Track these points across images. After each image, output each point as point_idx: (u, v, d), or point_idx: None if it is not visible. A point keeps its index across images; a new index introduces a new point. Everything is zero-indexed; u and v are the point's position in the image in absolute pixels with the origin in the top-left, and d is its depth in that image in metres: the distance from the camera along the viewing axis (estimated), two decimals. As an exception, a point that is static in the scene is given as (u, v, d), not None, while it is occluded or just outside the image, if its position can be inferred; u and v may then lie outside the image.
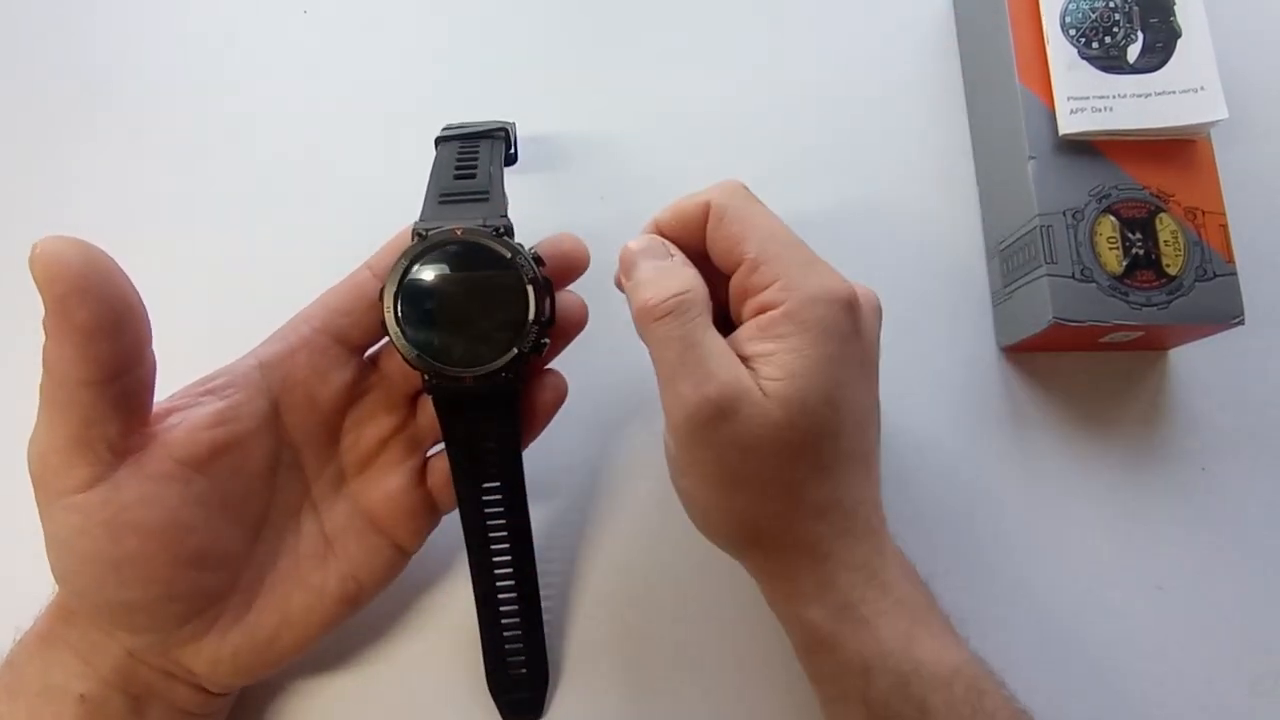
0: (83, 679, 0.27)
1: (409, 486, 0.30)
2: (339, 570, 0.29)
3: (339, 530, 0.30)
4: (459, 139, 0.33)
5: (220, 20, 0.43)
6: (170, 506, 0.25)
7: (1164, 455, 0.37)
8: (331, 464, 0.30)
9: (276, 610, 0.28)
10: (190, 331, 0.37)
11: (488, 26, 0.43)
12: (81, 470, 0.24)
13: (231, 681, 0.29)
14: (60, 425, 0.24)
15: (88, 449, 0.24)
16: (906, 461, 0.37)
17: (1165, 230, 0.35)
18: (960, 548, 0.36)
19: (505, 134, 0.34)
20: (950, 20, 0.44)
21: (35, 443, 0.25)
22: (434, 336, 0.27)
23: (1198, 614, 0.35)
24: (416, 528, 0.30)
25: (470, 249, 0.28)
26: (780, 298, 0.27)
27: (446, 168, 0.31)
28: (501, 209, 0.29)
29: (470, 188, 0.30)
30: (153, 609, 0.26)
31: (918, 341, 0.38)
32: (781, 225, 0.29)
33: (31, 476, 0.25)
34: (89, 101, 0.41)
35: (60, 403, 0.24)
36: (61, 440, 0.24)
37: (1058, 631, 0.35)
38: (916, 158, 0.41)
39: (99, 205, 0.39)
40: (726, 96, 0.42)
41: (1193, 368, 0.38)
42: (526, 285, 0.27)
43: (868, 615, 0.26)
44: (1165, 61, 0.36)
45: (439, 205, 0.29)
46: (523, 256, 0.28)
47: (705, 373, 0.26)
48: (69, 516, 0.24)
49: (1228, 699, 0.34)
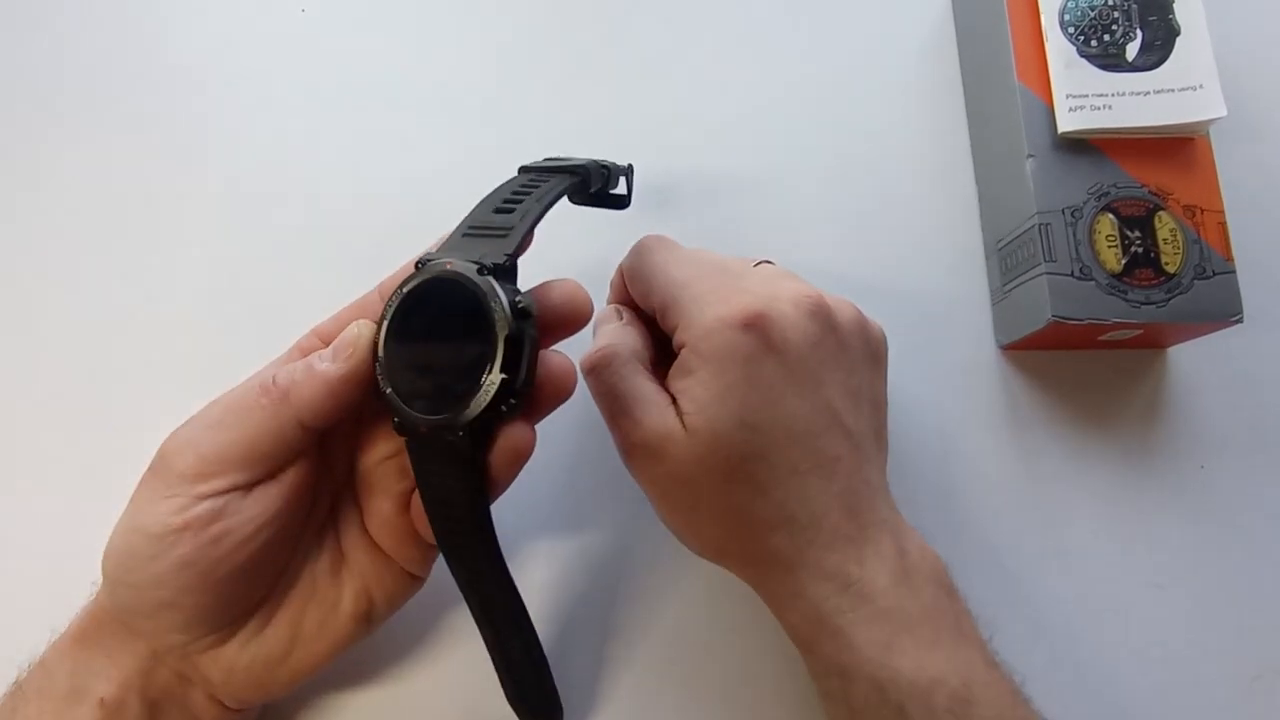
0: (106, 680, 0.27)
1: (396, 513, 0.29)
2: (353, 586, 0.29)
3: (353, 546, 0.29)
4: (534, 170, 0.31)
5: (219, 20, 0.43)
6: (280, 525, 0.27)
7: (1162, 453, 0.37)
8: (349, 480, 0.30)
9: (292, 624, 0.28)
10: (190, 331, 0.37)
11: (487, 26, 0.43)
12: (238, 476, 0.26)
13: (245, 696, 0.29)
14: (245, 435, 0.26)
15: (257, 464, 0.26)
16: (905, 459, 0.37)
17: (1164, 228, 0.35)
18: (959, 546, 0.36)
19: (586, 172, 0.31)
20: (949, 19, 0.44)
21: (193, 439, 0.26)
22: (407, 376, 0.26)
23: (1196, 611, 0.35)
24: (411, 554, 0.29)
25: (455, 289, 0.25)
26: (683, 338, 0.28)
27: (494, 198, 0.29)
28: (509, 247, 0.26)
29: (499, 223, 0.27)
30: (198, 613, 0.26)
31: (916, 339, 0.38)
32: (683, 264, 0.30)
33: (163, 461, 0.26)
34: (86, 101, 0.41)
35: (261, 422, 0.26)
36: (239, 448, 0.26)
37: (1056, 628, 0.35)
38: (915, 156, 0.41)
39: (97, 205, 0.39)
40: (725, 96, 0.42)
41: (1192, 366, 0.38)
42: (497, 339, 0.24)
43: (841, 625, 0.26)
44: (1164, 59, 0.36)
45: (461, 237, 0.27)
46: (500, 304, 0.24)
47: (632, 420, 0.28)
48: (196, 512, 0.25)
49: (1226, 696, 0.34)
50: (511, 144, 0.40)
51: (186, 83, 0.42)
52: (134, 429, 0.29)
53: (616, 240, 0.33)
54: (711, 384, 0.27)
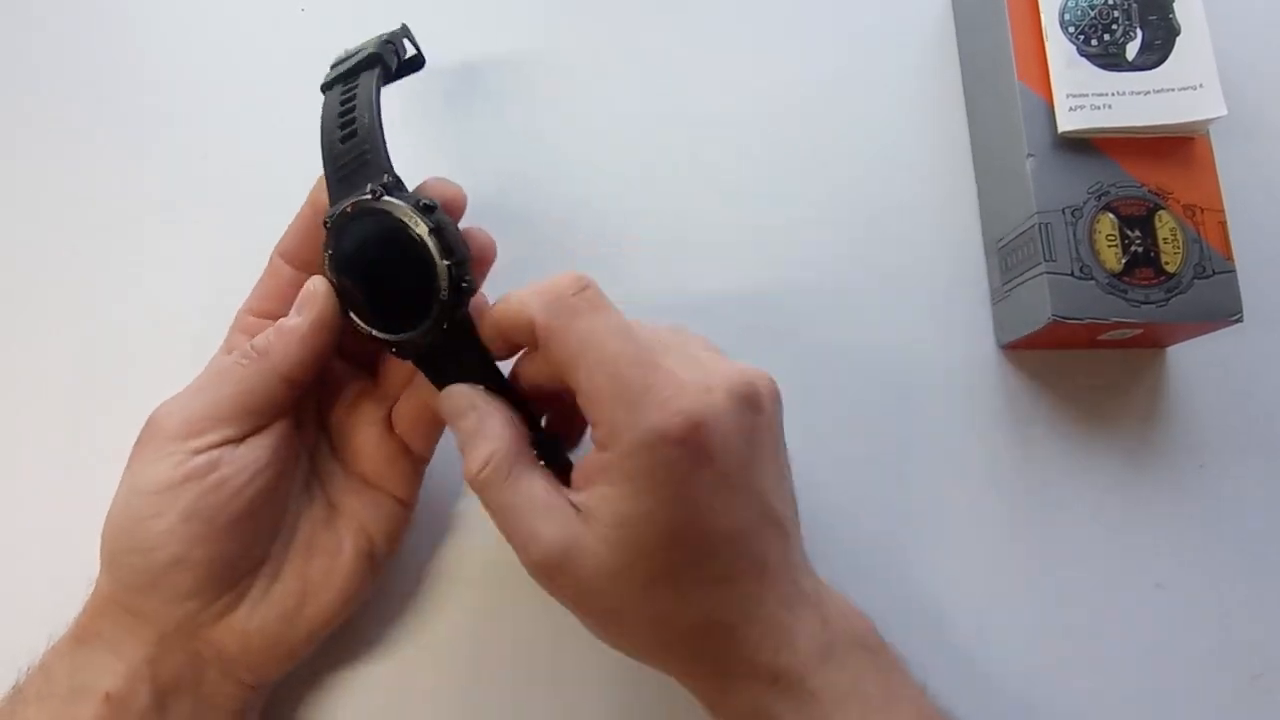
0: (111, 674, 0.27)
1: (382, 437, 0.31)
2: (350, 528, 0.30)
3: (340, 493, 0.31)
4: (339, 80, 0.32)
5: (218, 19, 0.43)
6: (272, 473, 0.28)
7: (1162, 452, 0.37)
8: (320, 434, 0.32)
9: (299, 577, 0.29)
10: (190, 333, 0.37)
11: (487, 24, 0.43)
12: (229, 430, 0.27)
13: (263, 662, 0.29)
14: (232, 392, 0.28)
15: (245, 418, 0.28)
16: (905, 459, 0.37)
17: (1164, 228, 0.35)
18: (959, 545, 0.36)
19: (380, 58, 0.33)
20: (949, 18, 0.44)
21: (179, 404, 0.28)
22: (380, 314, 0.28)
23: (1196, 610, 0.35)
24: (402, 476, 0.31)
25: (368, 224, 0.28)
26: (605, 443, 0.25)
27: (331, 128, 0.30)
28: (383, 166, 0.28)
29: (355, 150, 0.29)
30: (207, 570, 0.27)
31: (916, 339, 0.38)
32: (613, 340, 0.25)
33: (151, 428, 0.28)
34: (85, 100, 0.41)
35: (245, 378, 0.28)
36: (227, 404, 0.27)
37: (1056, 628, 0.35)
38: (915, 155, 0.41)
39: (95, 204, 0.39)
40: (724, 95, 0.42)
41: (1191, 365, 0.38)
42: (425, 237, 0.27)
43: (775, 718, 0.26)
44: (1164, 59, 0.36)
45: (339, 182, 0.29)
46: (408, 211, 0.27)
47: (529, 533, 0.25)
48: (193, 464, 0.27)
49: (1227, 695, 0.34)
50: (514, 142, 0.41)
51: (186, 82, 0.42)
52: (133, 433, 0.29)
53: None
54: (638, 500, 0.24)
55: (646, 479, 0.24)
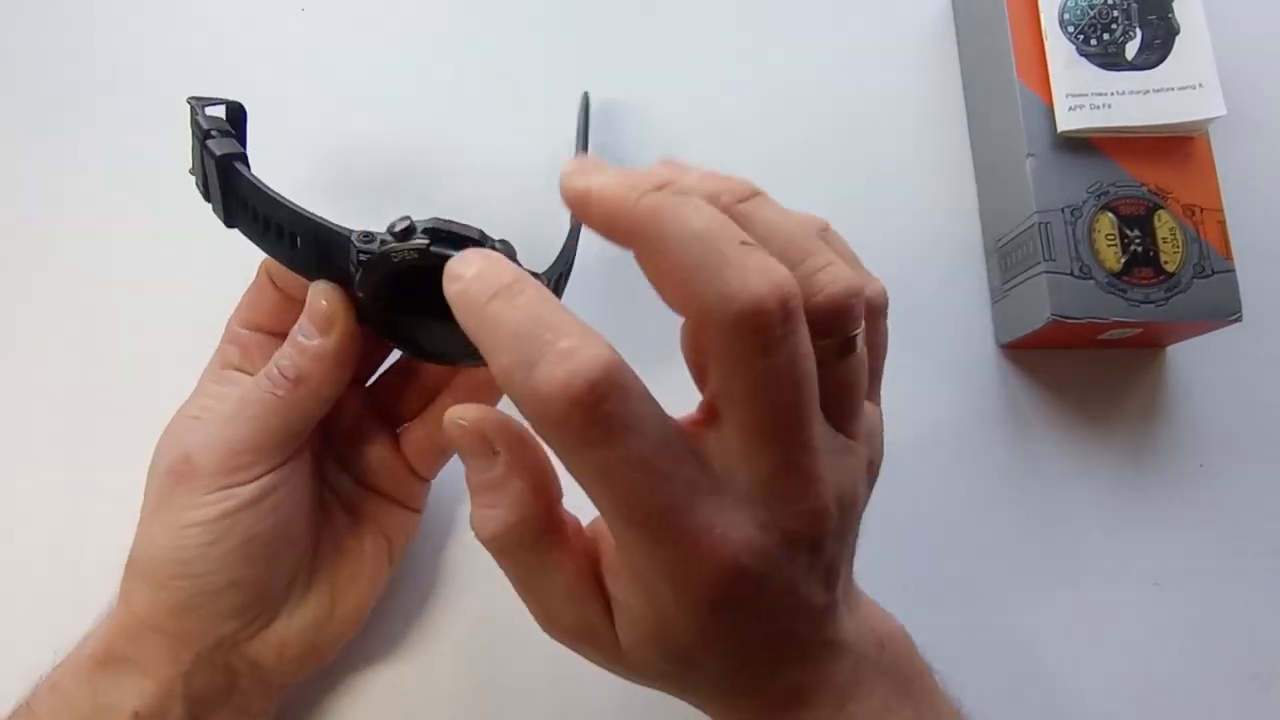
0: (139, 695, 0.27)
1: (390, 453, 0.32)
2: (368, 531, 0.31)
3: (353, 502, 0.32)
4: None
5: (218, 19, 0.43)
6: (309, 489, 0.29)
7: (1162, 452, 0.37)
8: (325, 450, 0.32)
9: (328, 583, 0.30)
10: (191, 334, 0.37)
11: (486, 25, 0.43)
12: (274, 458, 0.27)
13: (297, 669, 0.30)
14: (275, 423, 0.27)
15: (288, 445, 0.28)
16: (905, 459, 0.37)
17: (1164, 227, 0.35)
18: (958, 544, 0.36)
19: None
20: (949, 18, 0.44)
21: (216, 437, 0.27)
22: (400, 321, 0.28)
23: (1195, 610, 0.35)
24: (410, 491, 0.32)
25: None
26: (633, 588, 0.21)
27: None
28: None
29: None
30: (256, 590, 0.28)
31: (916, 339, 0.38)
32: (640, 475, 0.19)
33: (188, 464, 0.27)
34: (85, 100, 0.41)
35: (285, 409, 0.27)
36: (272, 435, 0.27)
37: (1056, 627, 0.35)
38: (915, 155, 0.41)
39: (95, 204, 0.39)
40: (725, 94, 0.42)
41: (1191, 364, 0.38)
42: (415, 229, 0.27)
43: None
44: (1163, 58, 0.36)
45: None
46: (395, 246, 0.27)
47: (547, 611, 0.23)
48: (245, 494, 0.27)
49: (1225, 694, 0.34)
50: (513, 143, 0.41)
51: (186, 82, 0.42)
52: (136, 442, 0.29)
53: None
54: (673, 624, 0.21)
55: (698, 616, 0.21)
